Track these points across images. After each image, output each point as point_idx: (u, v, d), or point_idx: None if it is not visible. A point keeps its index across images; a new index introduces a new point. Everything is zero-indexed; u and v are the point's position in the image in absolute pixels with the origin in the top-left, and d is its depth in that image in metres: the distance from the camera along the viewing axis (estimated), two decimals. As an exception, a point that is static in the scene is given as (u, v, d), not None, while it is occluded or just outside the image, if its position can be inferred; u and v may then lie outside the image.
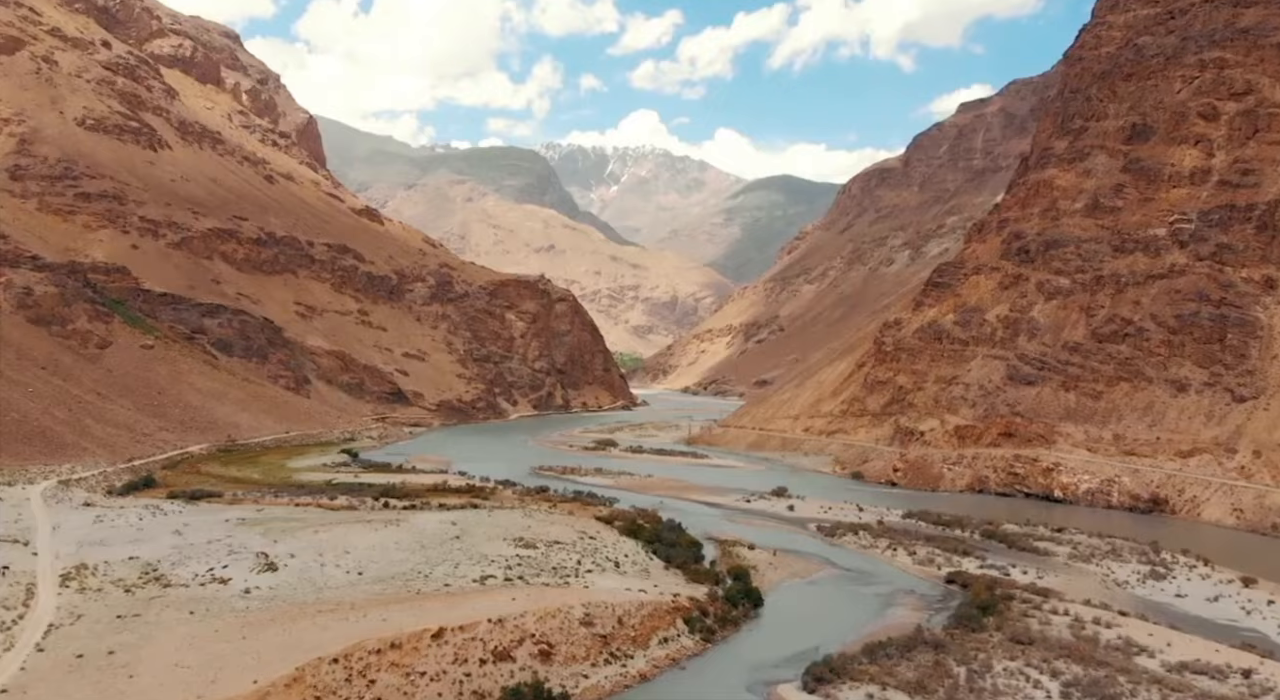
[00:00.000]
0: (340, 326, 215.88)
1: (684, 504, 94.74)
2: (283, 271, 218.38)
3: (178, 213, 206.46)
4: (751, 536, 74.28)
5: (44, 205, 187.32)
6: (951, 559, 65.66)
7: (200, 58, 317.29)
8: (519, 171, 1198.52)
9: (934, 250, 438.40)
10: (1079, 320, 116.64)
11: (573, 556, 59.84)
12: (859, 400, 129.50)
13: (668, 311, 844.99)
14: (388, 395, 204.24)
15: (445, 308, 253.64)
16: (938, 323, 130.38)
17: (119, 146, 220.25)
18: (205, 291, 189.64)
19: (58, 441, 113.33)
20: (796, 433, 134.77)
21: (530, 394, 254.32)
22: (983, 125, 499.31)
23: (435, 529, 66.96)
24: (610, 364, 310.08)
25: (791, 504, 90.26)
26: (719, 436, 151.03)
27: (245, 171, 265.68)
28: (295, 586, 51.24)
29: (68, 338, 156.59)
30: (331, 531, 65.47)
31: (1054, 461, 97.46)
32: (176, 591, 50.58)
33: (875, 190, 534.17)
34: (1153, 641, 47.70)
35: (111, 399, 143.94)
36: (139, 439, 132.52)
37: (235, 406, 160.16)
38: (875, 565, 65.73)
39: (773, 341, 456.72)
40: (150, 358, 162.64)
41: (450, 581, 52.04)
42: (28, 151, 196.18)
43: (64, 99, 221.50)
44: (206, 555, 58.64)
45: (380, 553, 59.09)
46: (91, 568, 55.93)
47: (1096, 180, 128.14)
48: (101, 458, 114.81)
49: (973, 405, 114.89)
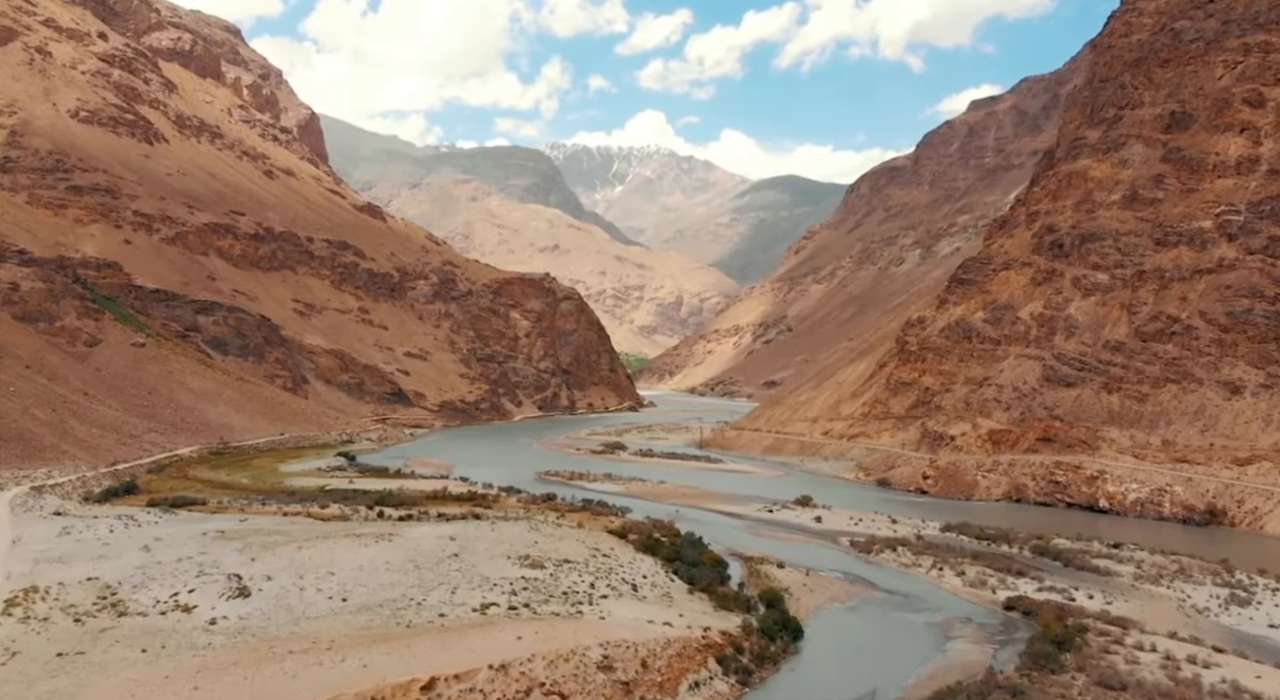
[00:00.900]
0: (340, 325, 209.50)
1: (702, 514, 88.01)
2: (281, 268, 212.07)
3: (173, 207, 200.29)
4: (779, 552, 67.50)
5: (34, 198, 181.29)
6: (1005, 580, 58.78)
7: (200, 51, 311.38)
8: (524, 171, 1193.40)
9: (945, 249, 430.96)
10: (1120, 318, 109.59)
11: (585, 579, 53.15)
12: (881, 402, 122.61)
13: (673, 312, 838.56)
14: (388, 396, 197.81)
15: (448, 306, 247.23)
16: (966, 321, 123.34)
17: (113, 140, 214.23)
18: (200, 288, 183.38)
19: (36, 443, 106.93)
20: (815, 436, 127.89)
21: (535, 395, 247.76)
22: (994, 123, 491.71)
23: (432, 545, 60.33)
24: (616, 364, 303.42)
25: (819, 515, 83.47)
26: (733, 440, 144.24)
27: (244, 166, 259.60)
28: (269, 616, 44.60)
29: (55, 335, 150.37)
30: (316, 548, 58.83)
31: (1098, 469, 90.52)
32: (132, 622, 43.97)
33: (884, 189, 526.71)
34: (1264, 687, 40.89)
35: (99, 399, 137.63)
36: (125, 441, 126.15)
37: (229, 407, 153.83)
38: (921, 587, 58.86)
39: (781, 342, 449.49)
40: (141, 356, 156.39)
41: (446, 611, 45.36)
42: (18, 143, 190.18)
43: (57, 91, 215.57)
44: (174, 576, 52.05)
45: (369, 574, 52.46)
46: (43, 591, 49.35)
47: (1134, 171, 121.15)
48: (83, 461, 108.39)
49: (1007, 408, 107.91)
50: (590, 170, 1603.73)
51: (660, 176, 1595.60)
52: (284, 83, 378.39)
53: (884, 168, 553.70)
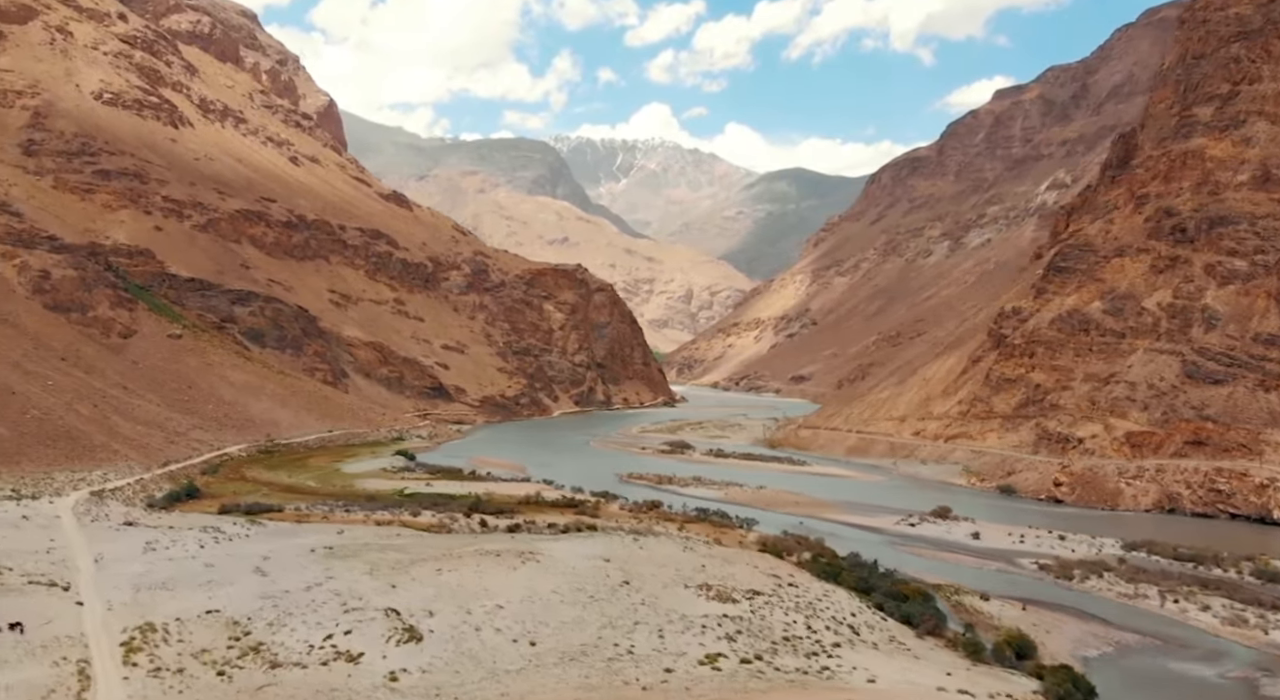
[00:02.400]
0: (376, 316, 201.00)
1: (830, 525, 79.84)
2: (314, 257, 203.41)
3: (203, 193, 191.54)
4: (961, 578, 59.28)
5: (60, 183, 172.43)
6: (1265, 616, 50.48)
7: (219, 35, 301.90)
8: (530, 163, 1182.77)
9: (975, 240, 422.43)
10: (1269, 308, 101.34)
11: (794, 618, 44.90)
12: (982, 400, 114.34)
13: (682, 305, 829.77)
14: (428, 390, 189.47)
15: (482, 297, 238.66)
16: (1081, 311, 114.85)
17: (139, 122, 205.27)
18: (235, 277, 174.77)
19: (85, 442, 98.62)
20: (905, 436, 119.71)
21: (571, 389, 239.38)
22: (1020, 113, 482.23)
23: (588, 568, 52.11)
24: (649, 358, 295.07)
25: (975, 530, 75.05)
26: (808, 439, 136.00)
27: (269, 153, 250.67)
28: (456, 668, 36.45)
29: (88, 326, 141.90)
30: (459, 571, 50.63)
31: (1269, 476, 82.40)
32: (291, 675, 35.80)
33: (907, 180, 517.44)
34: None
35: (138, 393, 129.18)
36: (172, 439, 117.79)
37: (273, 402, 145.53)
38: (1169, 626, 50.47)
39: (805, 336, 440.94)
40: (178, 348, 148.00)
41: (668, 663, 37.19)
42: (42, 125, 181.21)
43: (80, 72, 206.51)
44: (312, 610, 43.78)
45: (542, 607, 44.24)
46: (161, 629, 41.14)
47: (1261, 149, 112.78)
48: (135, 461, 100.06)
49: (1144, 407, 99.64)
50: (594, 163, 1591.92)
51: (665, 169, 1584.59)
52: (301, 69, 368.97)
53: (906, 158, 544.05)
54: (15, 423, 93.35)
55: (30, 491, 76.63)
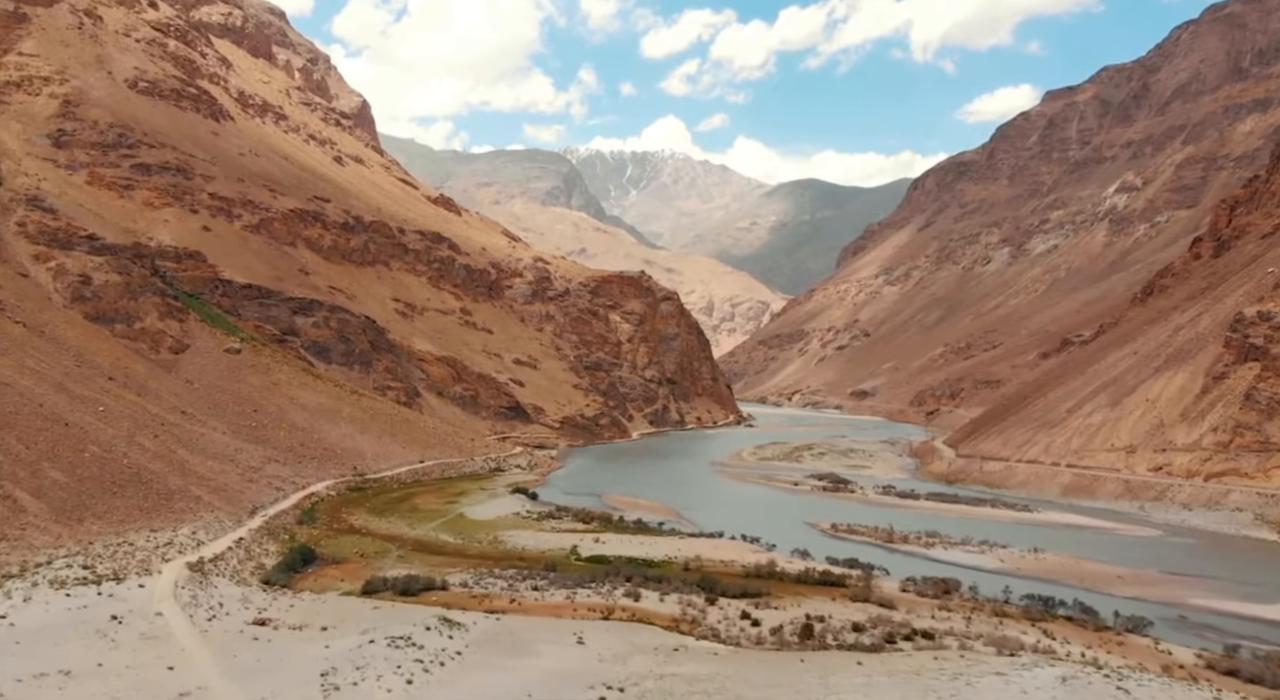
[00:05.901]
0: (444, 328, 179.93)
1: (1216, 618, 58.13)
2: (374, 262, 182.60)
3: (253, 190, 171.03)
4: None
5: (95, 178, 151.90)
6: None
7: (252, 29, 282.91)
8: (545, 174, 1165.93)
9: (1040, 247, 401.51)
10: None
11: None
12: (1250, 428, 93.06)
13: (704, 317, 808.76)
14: (504, 410, 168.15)
15: (548, 307, 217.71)
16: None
17: (178, 114, 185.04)
18: (294, 284, 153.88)
19: (158, 488, 77.03)
20: (1140, 472, 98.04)
21: (644, 408, 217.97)
22: (1075, 114, 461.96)
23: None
24: (717, 372, 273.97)
25: None
26: (997, 474, 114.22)
27: (314, 151, 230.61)
28: None
29: (135, 339, 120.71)
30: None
31: None
32: None
33: (955, 185, 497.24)
34: None
35: (199, 420, 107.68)
36: (249, 476, 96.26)
37: (351, 427, 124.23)
38: None
39: (857, 348, 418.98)
40: (237, 364, 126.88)
41: None
42: (74, 115, 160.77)
43: (112, 58, 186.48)
44: None
45: None
46: None
47: None
48: (221, 510, 78.54)
49: None
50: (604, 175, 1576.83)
51: (676, 181, 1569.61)
52: (333, 68, 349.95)
53: (952, 162, 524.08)
54: (72, 464, 71.94)
55: (109, 568, 55.08)
